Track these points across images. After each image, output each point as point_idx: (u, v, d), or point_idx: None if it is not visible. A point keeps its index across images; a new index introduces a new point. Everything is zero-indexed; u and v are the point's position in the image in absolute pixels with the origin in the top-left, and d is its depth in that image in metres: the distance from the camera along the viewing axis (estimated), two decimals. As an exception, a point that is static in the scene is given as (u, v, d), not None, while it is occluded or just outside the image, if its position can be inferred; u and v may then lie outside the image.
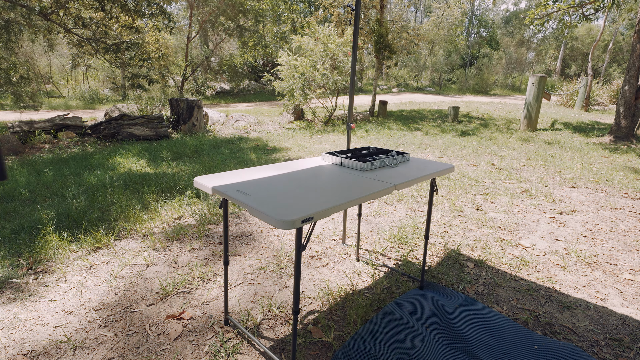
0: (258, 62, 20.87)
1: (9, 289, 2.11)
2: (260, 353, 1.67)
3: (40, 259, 2.43)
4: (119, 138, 6.33)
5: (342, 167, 1.91)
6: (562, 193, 4.01)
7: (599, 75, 22.67)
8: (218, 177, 1.64)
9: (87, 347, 1.68)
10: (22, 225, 2.85)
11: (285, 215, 1.20)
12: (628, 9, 9.23)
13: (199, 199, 3.52)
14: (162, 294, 2.09)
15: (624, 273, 2.42)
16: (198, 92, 16.05)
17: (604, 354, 1.71)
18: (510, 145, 6.60)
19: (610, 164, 5.34)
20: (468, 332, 1.80)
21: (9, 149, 5.36)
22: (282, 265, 2.42)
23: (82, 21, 7.51)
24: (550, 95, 12.20)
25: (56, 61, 18.67)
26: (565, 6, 8.42)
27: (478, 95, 21.15)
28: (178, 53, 17.33)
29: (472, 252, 2.66)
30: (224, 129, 8.01)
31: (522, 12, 31.22)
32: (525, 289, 2.21)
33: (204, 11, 15.51)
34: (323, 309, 1.99)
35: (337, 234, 2.91)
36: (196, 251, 2.59)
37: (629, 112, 6.93)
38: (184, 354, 1.65)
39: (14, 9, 7.17)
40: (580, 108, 12.67)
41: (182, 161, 5.00)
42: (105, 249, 2.59)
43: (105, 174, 4.23)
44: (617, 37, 26.15)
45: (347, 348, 1.68)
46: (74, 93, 15.46)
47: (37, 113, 9.41)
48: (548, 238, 2.91)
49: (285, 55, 8.32)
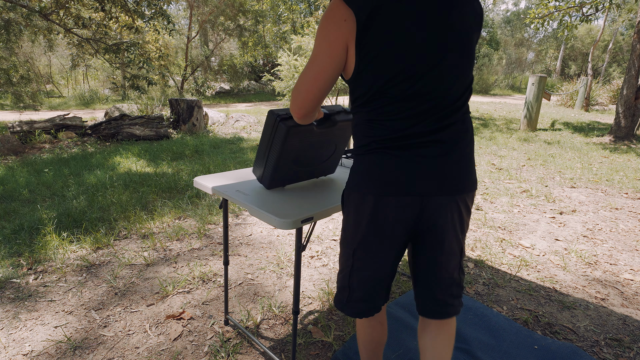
0: (258, 62, 20.87)
1: (9, 289, 2.11)
2: (260, 353, 1.67)
3: (40, 259, 2.43)
4: (119, 138, 6.33)
5: (342, 167, 1.91)
6: (562, 193, 4.01)
7: (599, 75, 22.68)
8: (218, 177, 1.64)
9: (87, 347, 1.68)
10: (22, 225, 2.85)
11: (285, 215, 1.20)
12: (628, 9, 9.23)
13: (199, 199, 3.52)
14: (162, 294, 2.09)
15: (624, 273, 2.42)
16: (198, 92, 16.05)
17: (604, 354, 1.71)
18: (510, 145, 6.60)
19: (610, 164, 5.34)
20: (468, 332, 1.80)
21: (9, 149, 5.36)
22: (282, 265, 2.42)
23: (82, 21, 7.51)
24: (550, 95, 12.20)
25: (56, 61, 18.68)
26: (565, 6, 8.42)
27: (478, 95, 21.15)
28: (178, 53, 17.34)
29: (472, 252, 2.66)
30: (224, 129, 8.01)
31: (522, 12, 31.22)
32: (525, 289, 2.21)
33: (204, 11, 15.52)
34: (323, 309, 1.99)
35: (337, 234, 2.91)
36: (196, 251, 2.59)
37: (628, 112, 6.93)
38: (184, 354, 1.65)
39: (14, 9, 7.17)
40: (580, 108, 12.67)
41: (182, 161, 5.00)
42: (105, 249, 2.59)
43: (105, 174, 4.23)
44: (617, 37, 26.16)
45: (346, 348, 1.68)
46: (74, 93, 15.46)
47: (37, 113, 9.41)
48: (548, 238, 2.91)
49: (285, 55, 8.31)
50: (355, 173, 1.05)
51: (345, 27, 0.93)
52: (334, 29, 0.94)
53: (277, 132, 1.30)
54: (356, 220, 1.05)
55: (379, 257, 1.07)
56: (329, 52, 0.96)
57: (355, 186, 1.04)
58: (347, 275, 1.13)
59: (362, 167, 1.03)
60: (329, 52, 0.96)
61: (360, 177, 1.03)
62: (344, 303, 1.16)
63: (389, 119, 0.97)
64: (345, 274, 1.14)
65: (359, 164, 1.04)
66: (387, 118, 0.98)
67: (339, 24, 0.93)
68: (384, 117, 0.98)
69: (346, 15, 0.92)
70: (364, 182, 1.02)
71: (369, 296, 1.13)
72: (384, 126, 0.98)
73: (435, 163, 0.97)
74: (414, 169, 0.97)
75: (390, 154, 0.98)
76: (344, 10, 0.93)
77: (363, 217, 1.03)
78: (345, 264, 1.13)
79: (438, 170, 0.97)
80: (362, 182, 1.02)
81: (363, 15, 0.91)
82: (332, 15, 0.95)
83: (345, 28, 0.93)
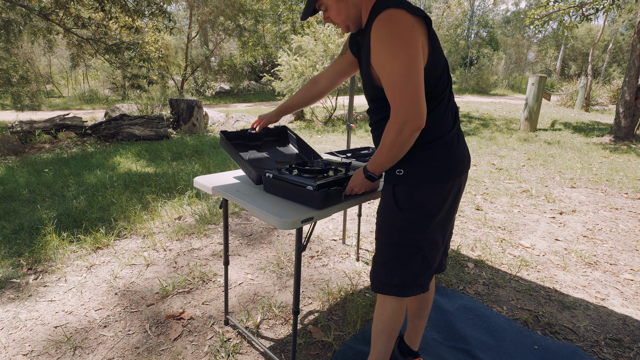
0: (258, 62, 20.87)
1: (9, 289, 2.11)
2: (260, 353, 1.67)
3: (40, 259, 2.43)
4: (119, 138, 6.33)
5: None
6: (562, 193, 4.01)
7: (599, 75, 22.68)
8: (218, 177, 1.64)
9: (87, 347, 1.68)
10: (22, 225, 2.85)
11: (285, 215, 1.20)
12: (628, 9, 9.22)
13: (199, 199, 3.52)
14: (162, 294, 2.09)
15: (624, 273, 2.42)
16: (198, 92, 16.04)
17: (604, 354, 1.71)
18: (510, 145, 6.60)
19: (610, 164, 5.34)
20: (468, 332, 1.80)
21: (9, 149, 5.36)
22: (282, 265, 2.42)
23: (81, 21, 7.50)
24: (550, 95, 12.20)
25: (56, 61, 18.67)
26: (565, 6, 8.42)
27: (478, 95, 21.15)
28: (178, 53, 17.33)
29: (472, 252, 2.66)
30: (224, 129, 8.01)
31: (522, 12, 31.22)
32: (525, 289, 2.21)
33: (204, 11, 15.51)
34: (323, 309, 1.99)
35: (337, 234, 2.91)
36: (196, 251, 2.59)
37: (628, 112, 6.93)
38: (184, 354, 1.65)
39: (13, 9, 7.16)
40: (580, 108, 12.67)
41: (182, 161, 5.00)
42: (105, 249, 2.59)
43: (105, 174, 4.23)
44: (617, 37, 26.15)
45: (347, 348, 1.68)
46: (74, 93, 15.47)
47: (37, 113, 9.41)
48: (548, 238, 2.91)
49: (285, 56, 8.31)
50: (427, 165, 1.17)
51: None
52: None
53: (222, 140, 1.63)
54: (432, 208, 1.18)
55: (446, 230, 1.29)
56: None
57: (434, 177, 1.17)
58: (422, 260, 1.22)
59: (437, 157, 1.18)
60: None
61: (435, 167, 1.17)
62: (418, 286, 1.25)
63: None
64: (419, 260, 1.22)
65: (431, 156, 1.17)
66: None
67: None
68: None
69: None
70: (442, 170, 1.17)
71: (435, 268, 1.30)
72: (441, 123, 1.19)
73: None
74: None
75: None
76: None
77: (443, 202, 1.19)
78: (414, 252, 1.21)
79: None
80: (440, 171, 1.17)
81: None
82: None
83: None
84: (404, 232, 1.20)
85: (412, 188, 1.17)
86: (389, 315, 1.27)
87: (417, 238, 1.19)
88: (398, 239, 1.21)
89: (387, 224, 1.23)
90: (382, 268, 1.25)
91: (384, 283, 1.25)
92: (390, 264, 1.23)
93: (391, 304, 1.26)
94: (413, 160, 1.16)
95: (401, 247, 1.21)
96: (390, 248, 1.23)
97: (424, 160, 1.16)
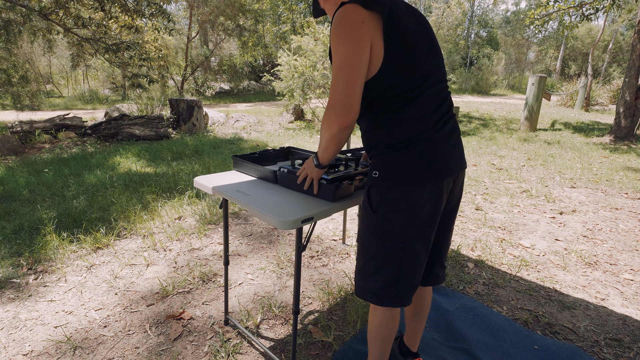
0: (258, 62, 20.86)
1: (9, 289, 2.11)
2: (260, 353, 1.66)
3: (40, 259, 2.43)
4: (119, 138, 6.32)
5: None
6: (562, 193, 4.01)
7: (599, 75, 22.68)
8: (218, 177, 1.64)
9: (87, 347, 1.68)
10: (22, 225, 2.85)
11: (285, 215, 1.20)
12: (628, 9, 9.23)
13: (199, 199, 3.52)
14: (162, 294, 2.09)
15: (624, 273, 2.42)
16: (198, 92, 16.04)
17: (604, 354, 1.71)
18: (510, 145, 6.60)
19: (610, 164, 5.34)
20: (468, 332, 1.80)
21: (9, 149, 5.36)
22: (282, 265, 2.42)
23: (81, 21, 7.50)
24: (550, 95, 12.19)
25: (56, 61, 18.67)
26: (565, 6, 8.42)
27: (478, 95, 21.15)
28: (178, 53, 17.33)
29: (472, 252, 2.66)
30: (224, 129, 8.01)
31: (522, 12, 31.22)
32: (525, 289, 2.21)
33: (204, 11, 15.51)
34: (323, 309, 1.99)
35: (337, 234, 2.91)
36: (196, 251, 2.59)
37: (628, 112, 6.93)
38: (184, 354, 1.65)
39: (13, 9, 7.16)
40: (580, 108, 12.66)
41: (182, 161, 5.00)
42: (105, 249, 2.59)
43: (105, 174, 4.23)
44: (617, 37, 26.16)
45: (347, 348, 1.68)
46: (74, 93, 15.47)
47: (37, 113, 9.40)
48: (548, 238, 2.91)
49: (285, 56, 8.30)
50: (401, 167, 1.10)
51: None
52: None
53: (235, 164, 1.77)
54: (409, 214, 1.10)
55: (430, 240, 1.17)
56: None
57: (409, 179, 1.09)
58: (397, 269, 1.14)
59: (410, 158, 1.11)
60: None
61: (411, 168, 1.10)
62: (392, 297, 1.17)
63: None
64: (394, 268, 1.14)
65: (403, 158, 1.10)
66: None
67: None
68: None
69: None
70: (418, 172, 1.09)
71: (417, 281, 1.20)
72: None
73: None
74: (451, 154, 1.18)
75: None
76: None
77: (422, 208, 1.10)
78: (389, 259, 1.14)
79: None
80: (416, 173, 1.09)
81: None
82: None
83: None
84: (379, 236, 1.14)
85: (386, 191, 1.10)
86: (379, 321, 1.24)
87: (391, 245, 1.12)
88: (372, 243, 1.16)
89: (364, 226, 1.18)
90: (359, 272, 1.23)
91: (361, 287, 1.22)
92: (365, 269, 1.20)
93: (381, 310, 1.23)
94: (386, 161, 1.11)
95: (376, 252, 1.15)
96: (366, 252, 1.19)
97: (398, 161, 1.09)
